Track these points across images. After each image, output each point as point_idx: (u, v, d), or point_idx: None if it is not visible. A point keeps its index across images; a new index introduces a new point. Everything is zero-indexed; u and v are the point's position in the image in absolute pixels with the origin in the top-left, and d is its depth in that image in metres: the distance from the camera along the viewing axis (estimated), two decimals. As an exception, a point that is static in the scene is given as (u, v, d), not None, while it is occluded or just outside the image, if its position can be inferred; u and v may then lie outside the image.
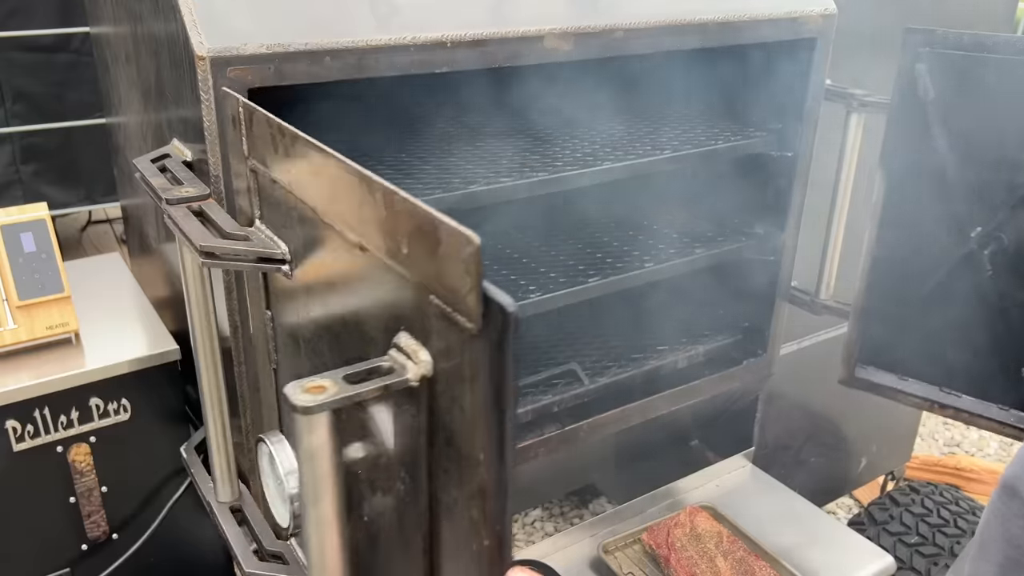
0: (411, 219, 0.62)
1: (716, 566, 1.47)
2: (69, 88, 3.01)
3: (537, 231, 1.71)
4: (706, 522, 1.55)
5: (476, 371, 0.56)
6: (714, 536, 1.53)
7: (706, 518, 1.56)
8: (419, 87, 1.92)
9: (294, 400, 0.61)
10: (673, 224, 1.73)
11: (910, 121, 1.48)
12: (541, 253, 1.59)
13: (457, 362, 0.59)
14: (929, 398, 1.58)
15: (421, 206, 0.61)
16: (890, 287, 1.58)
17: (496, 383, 0.55)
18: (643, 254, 1.55)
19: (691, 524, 1.55)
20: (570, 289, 1.41)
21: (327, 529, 0.68)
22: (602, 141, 1.53)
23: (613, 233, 1.72)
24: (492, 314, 0.53)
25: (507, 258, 1.57)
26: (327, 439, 0.64)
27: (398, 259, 0.65)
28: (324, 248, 0.81)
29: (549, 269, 1.48)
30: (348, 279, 0.78)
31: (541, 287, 1.42)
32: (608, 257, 1.56)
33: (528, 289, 1.40)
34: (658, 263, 1.52)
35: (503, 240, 1.67)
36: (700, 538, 1.53)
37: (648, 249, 1.58)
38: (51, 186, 3.08)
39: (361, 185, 0.72)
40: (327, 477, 0.66)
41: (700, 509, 1.58)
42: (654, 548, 1.53)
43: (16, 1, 2.84)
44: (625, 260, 1.59)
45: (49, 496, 1.44)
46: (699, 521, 1.55)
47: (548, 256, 1.57)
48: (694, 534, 1.54)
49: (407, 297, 0.65)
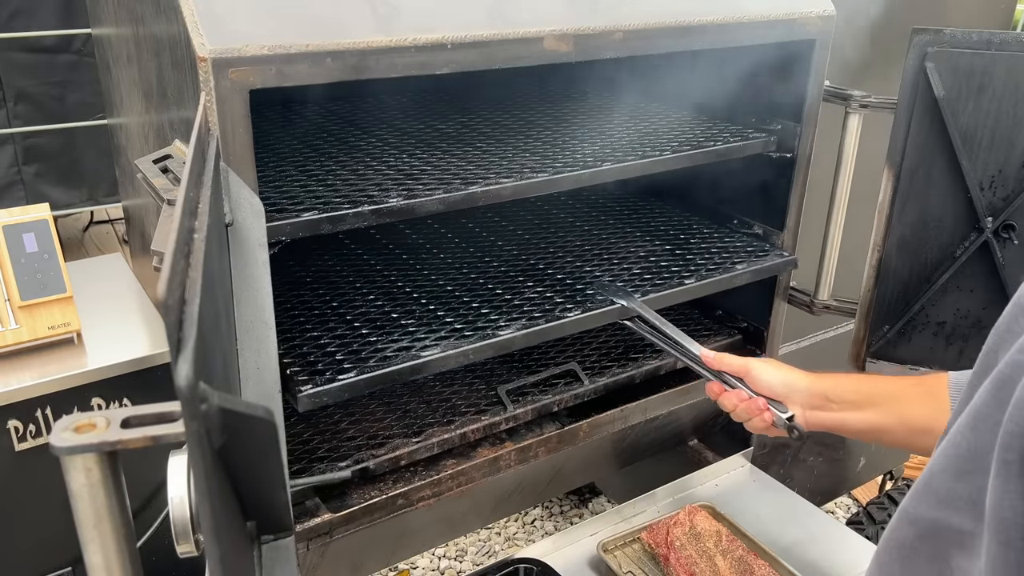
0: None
1: (715, 565, 1.47)
2: (71, 89, 3.02)
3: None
4: (705, 521, 1.56)
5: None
6: (713, 535, 1.53)
7: (705, 517, 1.57)
8: (420, 87, 1.93)
9: (54, 438, 0.56)
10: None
11: (918, 119, 1.50)
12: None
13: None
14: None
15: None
16: (898, 281, 1.60)
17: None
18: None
19: (690, 523, 1.55)
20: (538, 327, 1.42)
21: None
22: (602, 142, 1.54)
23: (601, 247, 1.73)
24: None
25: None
26: (87, 482, 0.58)
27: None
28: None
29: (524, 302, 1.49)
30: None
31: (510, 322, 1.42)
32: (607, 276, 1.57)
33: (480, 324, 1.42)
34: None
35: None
36: (699, 537, 1.53)
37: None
38: (53, 186, 3.09)
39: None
40: (90, 526, 0.60)
41: (699, 508, 1.58)
42: (653, 547, 1.53)
43: (18, 2, 2.85)
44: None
45: (51, 496, 1.44)
46: (698, 520, 1.56)
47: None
48: (693, 533, 1.53)
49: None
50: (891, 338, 1.63)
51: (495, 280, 1.56)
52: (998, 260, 1.52)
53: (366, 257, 1.67)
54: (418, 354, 1.29)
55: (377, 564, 1.54)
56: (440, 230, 1.81)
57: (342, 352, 1.29)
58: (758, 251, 1.68)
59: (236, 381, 0.88)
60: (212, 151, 0.91)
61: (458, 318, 1.40)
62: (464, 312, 1.43)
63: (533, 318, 1.40)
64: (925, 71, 1.47)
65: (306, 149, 1.48)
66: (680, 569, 1.47)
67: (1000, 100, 1.45)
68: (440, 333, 1.35)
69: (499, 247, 1.72)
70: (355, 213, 1.18)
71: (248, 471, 0.63)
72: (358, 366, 1.25)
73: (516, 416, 1.46)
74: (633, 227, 1.82)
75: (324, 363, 1.26)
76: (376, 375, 1.24)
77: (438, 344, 1.32)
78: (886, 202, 1.56)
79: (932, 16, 1.93)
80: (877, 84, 1.68)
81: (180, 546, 0.65)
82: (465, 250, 1.70)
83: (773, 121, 1.62)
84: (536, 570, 1.48)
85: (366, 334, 1.35)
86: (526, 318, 1.40)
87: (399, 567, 2.20)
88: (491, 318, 1.40)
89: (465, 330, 1.36)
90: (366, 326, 1.38)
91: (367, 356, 1.28)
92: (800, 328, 2.04)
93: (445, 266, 1.63)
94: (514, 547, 2.48)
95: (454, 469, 1.40)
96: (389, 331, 1.36)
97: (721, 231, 1.78)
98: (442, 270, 1.61)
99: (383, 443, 1.37)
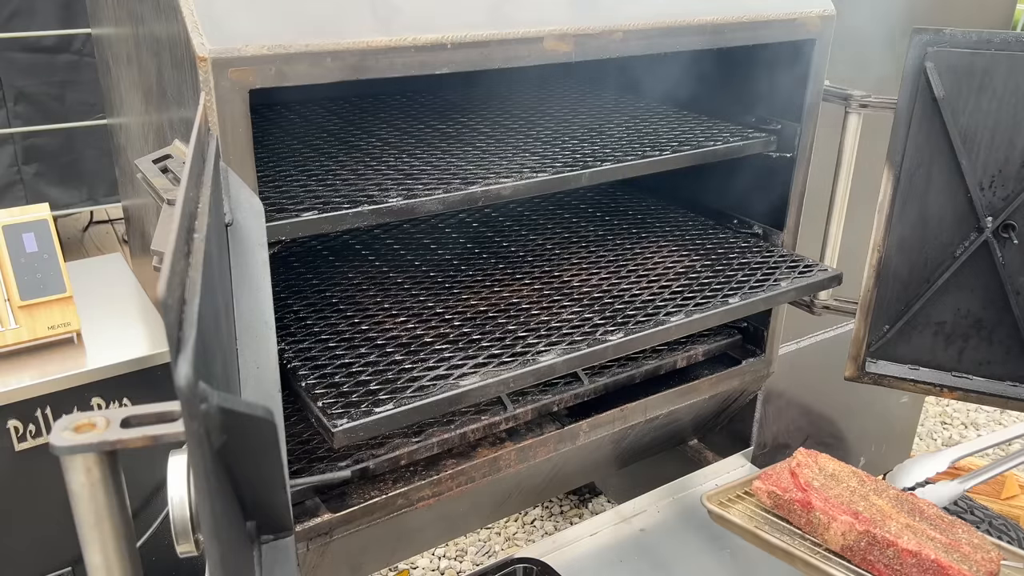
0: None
1: (874, 504, 1.23)
2: (71, 89, 3.02)
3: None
4: (831, 463, 1.34)
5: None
6: (850, 475, 1.32)
7: (829, 459, 1.35)
8: (420, 87, 1.93)
9: (54, 437, 0.57)
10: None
11: (918, 119, 1.50)
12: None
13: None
14: (940, 383, 1.62)
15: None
16: (898, 280, 1.60)
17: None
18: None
19: (817, 464, 1.34)
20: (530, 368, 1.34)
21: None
22: (602, 142, 1.54)
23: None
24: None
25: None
26: (87, 482, 0.59)
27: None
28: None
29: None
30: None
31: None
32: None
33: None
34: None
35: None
36: (836, 478, 1.31)
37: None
38: (53, 186, 3.09)
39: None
40: (90, 526, 0.60)
41: (814, 451, 1.36)
42: (779, 494, 1.30)
43: (18, 2, 2.85)
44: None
45: (51, 496, 1.44)
46: (824, 461, 1.34)
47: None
48: (825, 473, 1.32)
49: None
50: (891, 338, 1.64)
51: (529, 300, 1.51)
52: (998, 260, 1.52)
53: (392, 275, 1.61)
54: (456, 383, 1.23)
55: (377, 564, 1.54)
56: (467, 244, 1.76)
57: (376, 381, 1.24)
58: (801, 267, 1.61)
59: (236, 381, 0.88)
60: (212, 151, 0.91)
61: (494, 341, 1.35)
62: (500, 336, 1.37)
63: (574, 342, 1.35)
64: (925, 71, 1.48)
65: (306, 149, 1.48)
66: (834, 510, 1.24)
67: (1000, 100, 1.45)
68: (477, 359, 1.30)
69: (529, 261, 1.67)
70: (355, 213, 1.18)
71: (248, 471, 0.63)
72: (394, 397, 1.19)
73: (516, 416, 1.46)
74: (647, 232, 1.81)
75: (358, 394, 1.20)
76: (414, 407, 1.18)
77: (476, 372, 1.26)
78: (886, 202, 1.57)
79: (931, 18, 1.93)
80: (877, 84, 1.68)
81: (180, 546, 0.65)
82: (495, 266, 1.65)
83: (773, 121, 1.63)
84: (536, 570, 1.48)
85: (400, 360, 1.30)
86: (566, 342, 1.35)
87: (399, 567, 2.20)
88: (529, 342, 1.35)
89: (503, 356, 1.31)
90: (399, 351, 1.33)
91: (403, 385, 1.22)
92: (800, 328, 2.04)
93: (476, 284, 1.58)
94: (514, 547, 2.48)
95: (454, 469, 1.40)
96: (423, 357, 1.30)
97: (725, 232, 1.78)
98: (473, 289, 1.56)
99: (383, 443, 1.37)
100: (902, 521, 1.24)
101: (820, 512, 1.26)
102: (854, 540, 1.23)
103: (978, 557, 1.22)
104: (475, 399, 1.26)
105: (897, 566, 1.21)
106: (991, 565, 1.22)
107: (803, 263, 1.63)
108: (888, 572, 1.22)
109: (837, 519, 1.25)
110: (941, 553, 1.20)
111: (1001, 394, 1.54)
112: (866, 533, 1.22)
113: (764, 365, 1.75)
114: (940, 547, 1.22)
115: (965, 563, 1.20)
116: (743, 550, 1.55)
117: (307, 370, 1.27)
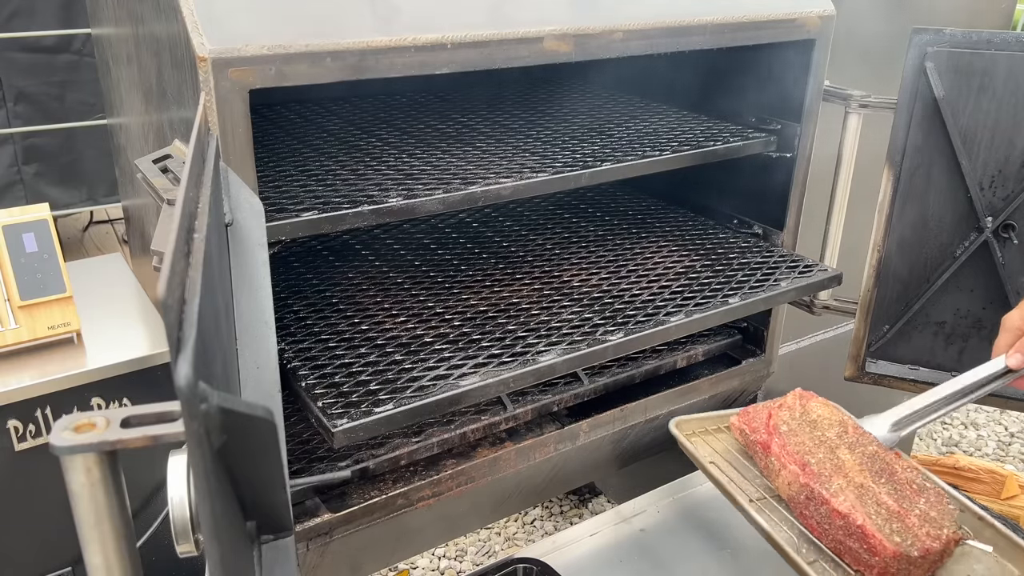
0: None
1: (837, 458, 1.15)
2: (70, 89, 3.03)
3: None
4: (822, 408, 1.25)
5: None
6: (835, 424, 1.24)
7: (822, 403, 1.26)
8: (420, 86, 1.93)
9: (54, 437, 0.56)
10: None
11: (918, 119, 1.50)
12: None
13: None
14: (940, 383, 1.60)
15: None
16: (898, 280, 1.60)
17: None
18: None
19: (802, 407, 1.26)
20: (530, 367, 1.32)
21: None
22: (602, 142, 1.54)
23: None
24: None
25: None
26: (87, 482, 0.58)
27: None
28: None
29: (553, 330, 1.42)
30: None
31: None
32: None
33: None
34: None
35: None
36: (815, 424, 1.23)
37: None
38: (53, 186, 3.10)
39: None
40: (90, 526, 0.60)
41: (812, 394, 1.28)
42: (748, 433, 1.25)
43: (18, 2, 2.85)
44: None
45: (51, 496, 1.44)
46: (813, 406, 1.25)
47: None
48: (806, 419, 1.25)
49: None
50: (891, 338, 1.64)
51: (529, 300, 1.50)
52: (998, 260, 1.52)
53: (392, 275, 1.61)
54: (456, 383, 1.23)
55: (377, 564, 1.54)
56: (467, 244, 1.76)
57: (376, 381, 1.24)
58: (801, 267, 1.60)
59: (236, 381, 0.88)
60: (212, 151, 0.91)
61: (494, 342, 1.35)
62: (500, 336, 1.37)
63: (574, 342, 1.35)
64: (925, 71, 1.48)
65: (306, 149, 1.48)
66: (786, 458, 1.18)
67: (1000, 100, 1.45)
68: (477, 359, 1.30)
69: (528, 261, 1.66)
70: (355, 213, 1.18)
71: (248, 471, 0.63)
72: (394, 397, 1.19)
73: (516, 416, 1.46)
74: (647, 232, 1.82)
75: (358, 394, 1.20)
76: (414, 407, 1.18)
77: (476, 372, 1.26)
78: (886, 202, 1.57)
79: (931, 18, 1.93)
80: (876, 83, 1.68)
81: (180, 546, 0.65)
82: (495, 266, 1.65)
83: (773, 121, 1.63)
84: (536, 570, 1.48)
85: (400, 360, 1.30)
86: (566, 342, 1.35)
87: (399, 567, 2.20)
88: (529, 342, 1.35)
89: (503, 356, 1.31)
90: (399, 351, 1.33)
91: (403, 385, 1.22)
92: (800, 328, 2.04)
93: (476, 284, 1.58)
94: (514, 547, 2.48)
95: (454, 469, 1.40)
96: (423, 357, 1.30)
97: (725, 232, 1.78)
98: (473, 289, 1.56)
99: (383, 443, 1.37)
100: (857, 480, 1.17)
101: (775, 458, 1.22)
102: (796, 491, 1.19)
103: (922, 532, 1.13)
104: (475, 399, 1.26)
105: (827, 525, 1.16)
106: (932, 542, 1.13)
107: (803, 263, 1.63)
108: (819, 529, 1.17)
109: (787, 467, 1.20)
110: (873, 520, 1.13)
111: (1001, 394, 1.54)
112: (806, 487, 1.17)
113: (764, 365, 1.75)
114: (882, 514, 1.14)
115: (901, 535, 1.12)
116: (744, 550, 1.55)
117: (307, 370, 1.27)
